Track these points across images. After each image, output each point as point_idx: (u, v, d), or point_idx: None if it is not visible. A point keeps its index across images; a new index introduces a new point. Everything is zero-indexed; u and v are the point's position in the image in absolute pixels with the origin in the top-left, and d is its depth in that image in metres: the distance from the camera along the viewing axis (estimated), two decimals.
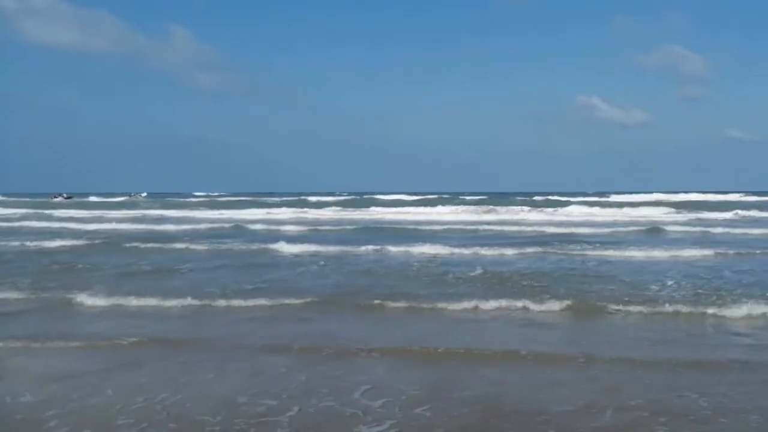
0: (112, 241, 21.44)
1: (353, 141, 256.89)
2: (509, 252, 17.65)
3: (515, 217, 38.03)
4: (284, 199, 68.41)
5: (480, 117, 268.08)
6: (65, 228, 28.72)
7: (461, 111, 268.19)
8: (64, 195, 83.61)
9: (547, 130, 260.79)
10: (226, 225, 30.27)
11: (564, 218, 37.23)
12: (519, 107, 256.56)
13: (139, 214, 42.96)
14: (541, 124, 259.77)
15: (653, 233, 25.54)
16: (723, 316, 9.51)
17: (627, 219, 36.50)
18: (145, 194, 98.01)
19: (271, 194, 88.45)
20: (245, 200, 67.60)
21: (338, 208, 49.92)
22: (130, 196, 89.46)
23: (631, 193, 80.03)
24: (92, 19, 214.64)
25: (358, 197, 68.34)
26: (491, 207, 48.00)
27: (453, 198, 66.00)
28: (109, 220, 34.15)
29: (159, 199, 78.78)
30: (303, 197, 73.52)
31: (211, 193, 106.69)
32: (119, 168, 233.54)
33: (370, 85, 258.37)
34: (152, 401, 5.93)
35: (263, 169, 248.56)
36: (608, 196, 66.82)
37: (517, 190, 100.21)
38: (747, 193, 78.59)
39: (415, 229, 27.37)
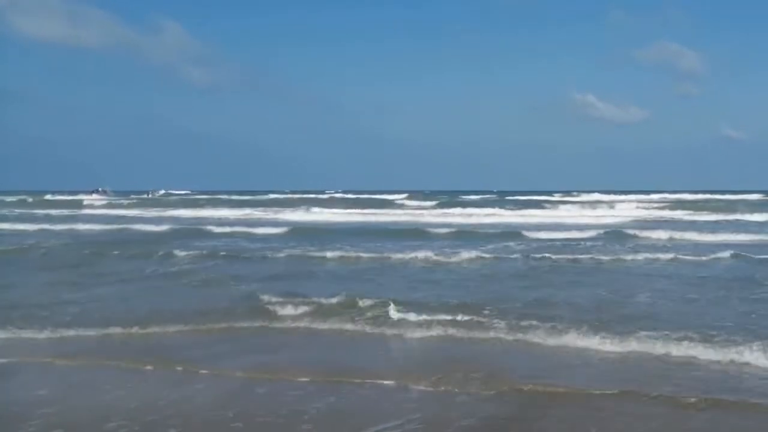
0: None
1: (352, 136, 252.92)
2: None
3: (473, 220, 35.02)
4: (258, 197, 65.96)
5: (474, 114, 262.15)
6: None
7: (456, 107, 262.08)
8: (101, 190, 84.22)
9: (543, 126, 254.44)
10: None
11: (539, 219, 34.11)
12: (515, 103, 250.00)
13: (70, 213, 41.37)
14: (537, 120, 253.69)
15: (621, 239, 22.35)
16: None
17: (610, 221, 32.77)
18: (162, 192, 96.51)
19: (266, 192, 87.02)
20: (221, 198, 65.07)
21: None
22: (148, 194, 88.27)
23: (628, 192, 76.75)
24: (82, 14, 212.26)
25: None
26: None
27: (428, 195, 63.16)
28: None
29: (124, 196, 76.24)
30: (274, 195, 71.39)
31: (182, 191, 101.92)
32: (114, 164, 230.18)
33: (368, 80, 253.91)
34: None
35: (261, 166, 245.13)
36: (610, 195, 63.30)
37: (519, 189, 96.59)
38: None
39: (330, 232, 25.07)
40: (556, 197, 59.20)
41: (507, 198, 59.04)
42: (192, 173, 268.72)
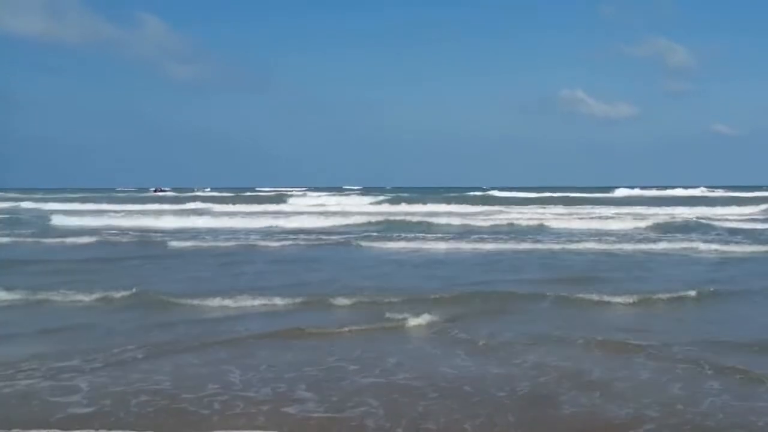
0: None
1: (337, 133, 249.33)
2: None
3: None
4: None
5: (464, 111, 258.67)
6: None
7: (446, 105, 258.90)
8: (155, 189, 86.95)
9: (532, 123, 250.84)
10: None
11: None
12: (503, 100, 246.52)
13: None
14: (526, 117, 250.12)
15: None
16: None
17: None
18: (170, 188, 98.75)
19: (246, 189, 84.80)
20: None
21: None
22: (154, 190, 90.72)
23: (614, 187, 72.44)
24: (61, 9, 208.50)
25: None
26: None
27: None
28: None
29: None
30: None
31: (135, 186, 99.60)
32: (99, 162, 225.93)
33: (355, 77, 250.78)
34: None
35: (247, 162, 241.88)
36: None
37: (510, 185, 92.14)
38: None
39: None
40: None
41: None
42: (169, 170, 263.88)
